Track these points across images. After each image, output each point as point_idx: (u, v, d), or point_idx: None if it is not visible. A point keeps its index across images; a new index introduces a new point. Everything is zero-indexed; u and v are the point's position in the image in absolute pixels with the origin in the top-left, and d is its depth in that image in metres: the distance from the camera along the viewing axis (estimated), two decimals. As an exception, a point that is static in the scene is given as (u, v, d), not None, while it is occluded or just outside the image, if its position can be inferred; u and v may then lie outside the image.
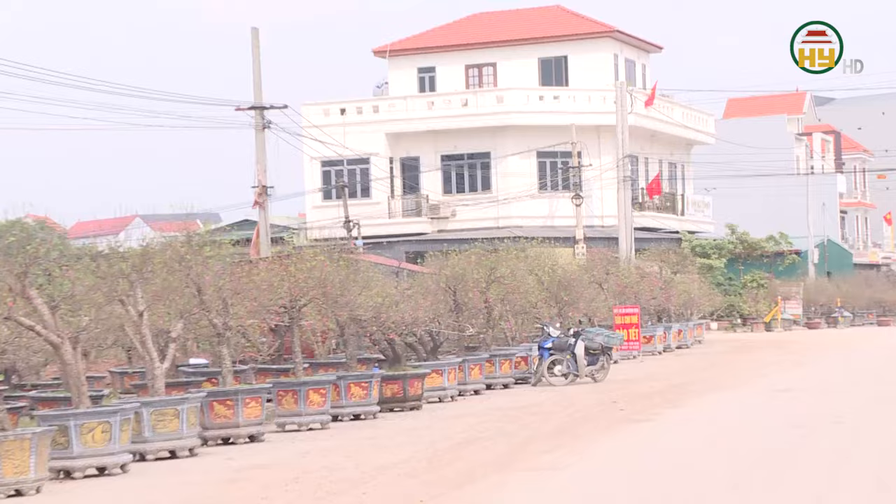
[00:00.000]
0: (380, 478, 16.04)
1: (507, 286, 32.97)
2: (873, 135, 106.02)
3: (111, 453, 17.51)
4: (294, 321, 24.20)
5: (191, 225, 27.31)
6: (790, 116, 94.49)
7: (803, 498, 13.46)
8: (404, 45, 68.27)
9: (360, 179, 63.78)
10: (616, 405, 24.97)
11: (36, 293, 17.85)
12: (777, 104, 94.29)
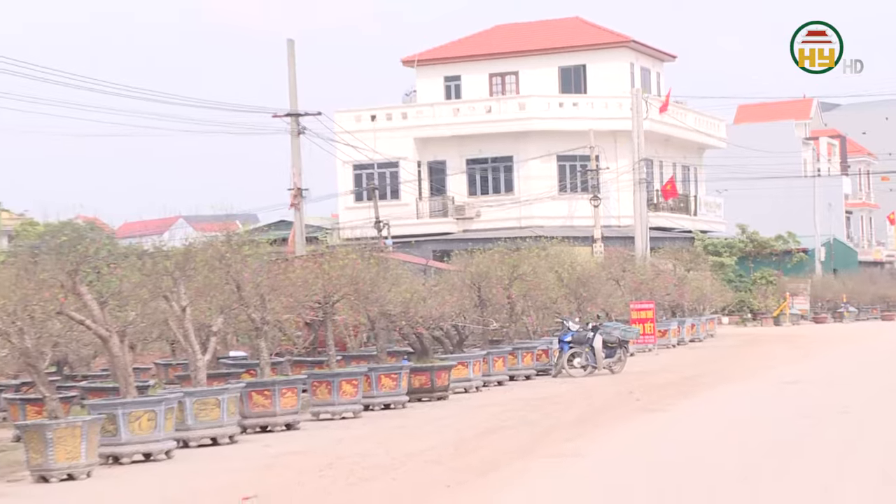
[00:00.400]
0: (409, 464, 16.07)
1: (528, 283, 32.97)
2: (877, 139, 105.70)
3: (156, 440, 17.60)
4: (327, 316, 24.25)
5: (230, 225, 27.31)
6: (798, 121, 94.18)
7: (811, 487, 13.43)
8: (431, 55, 68.28)
9: (390, 182, 63.86)
10: (633, 396, 24.94)
11: (86, 290, 17.94)
12: (785, 110, 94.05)
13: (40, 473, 16.02)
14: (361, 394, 23.18)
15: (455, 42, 69.84)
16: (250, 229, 41.38)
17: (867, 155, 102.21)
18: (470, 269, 31.58)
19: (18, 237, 50.20)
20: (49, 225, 35.97)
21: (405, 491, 13.90)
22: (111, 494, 14.72)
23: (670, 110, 64.51)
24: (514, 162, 62.99)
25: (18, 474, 16.74)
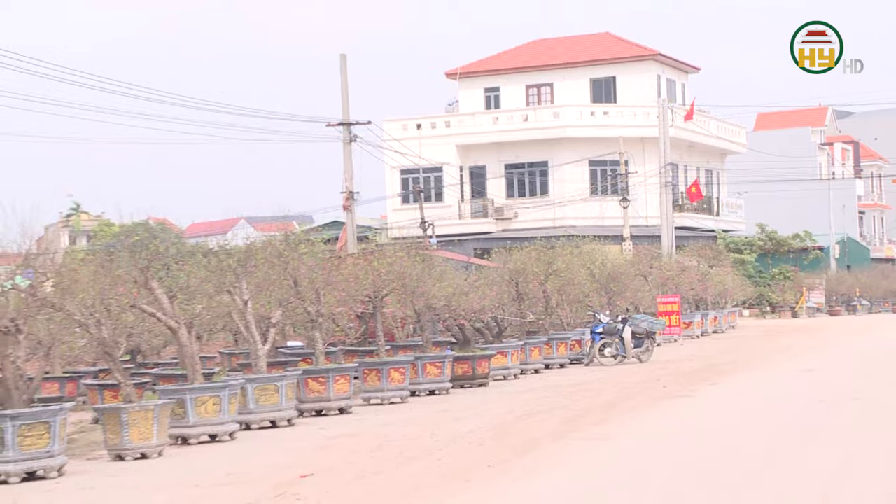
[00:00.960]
0: (452, 445, 16.12)
1: (562, 278, 32.99)
2: (889, 144, 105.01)
3: (221, 423, 17.74)
4: (377, 309, 24.33)
5: (288, 226, 27.45)
6: (813, 128, 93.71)
7: (825, 466, 13.42)
8: (472, 68, 68.35)
9: (434, 185, 63.94)
10: (659, 383, 24.90)
11: (157, 285, 18.10)
12: (802, 117, 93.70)
13: (116, 452, 16.20)
14: (408, 381, 23.25)
15: (494, 56, 69.89)
16: (306, 229, 41.63)
17: (879, 159, 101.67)
18: (508, 266, 31.63)
19: (96, 237, 50.61)
20: (124, 226, 36.24)
21: (449, 470, 13.95)
22: (180, 471, 14.85)
23: (694, 118, 64.30)
24: (548, 167, 62.96)
25: (97, 453, 16.93)
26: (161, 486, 13.75)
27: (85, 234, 55.66)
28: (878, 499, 11.25)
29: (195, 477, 14.27)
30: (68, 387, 23.57)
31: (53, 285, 16.80)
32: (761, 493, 11.59)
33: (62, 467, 15.01)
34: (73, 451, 16.33)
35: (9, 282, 16.54)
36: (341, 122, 44.52)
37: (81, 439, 18.49)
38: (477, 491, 12.41)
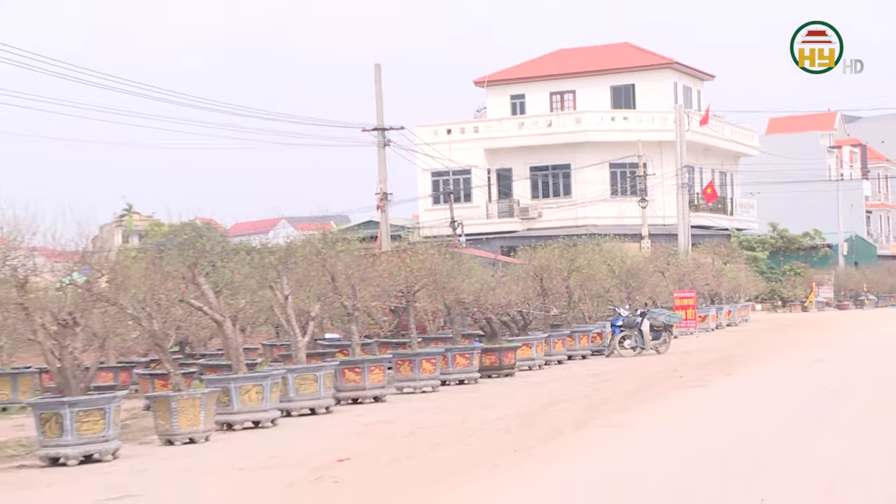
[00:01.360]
0: (481, 432, 16.14)
1: (584, 274, 32.97)
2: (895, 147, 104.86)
3: (264, 410, 17.80)
4: (409, 303, 24.36)
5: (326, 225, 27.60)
6: (823, 132, 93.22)
7: (833, 453, 13.40)
8: (499, 76, 68.38)
9: (463, 187, 64.00)
10: (676, 373, 24.85)
11: (203, 280, 18.17)
12: (811, 122, 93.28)
13: (166, 437, 16.28)
14: (439, 371, 23.28)
15: (520, 65, 69.93)
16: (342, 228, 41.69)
17: (885, 161, 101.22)
18: (533, 263, 31.66)
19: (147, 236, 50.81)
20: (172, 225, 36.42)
21: (478, 455, 13.98)
22: (226, 455, 14.92)
23: (709, 123, 64.14)
24: (571, 169, 62.96)
25: (148, 438, 17.02)
26: (208, 469, 13.84)
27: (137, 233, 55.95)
28: (883, 484, 11.22)
29: (240, 460, 14.35)
30: (122, 376, 23.69)
31: (108, 281, 16.91)
32: (771, 479, 11.57)
33: (116, 451, 15.11)
34: (126, 436, 16.43)
35: (67, 277, 16.68)
36: (376, 128, 44.66)
37: (134, 425, 18.60)
38: (504, 475, 12.44)
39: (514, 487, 11.69)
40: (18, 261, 15.61)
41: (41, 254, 17.16)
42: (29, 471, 14.63)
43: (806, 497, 10.56)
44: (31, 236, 16.00)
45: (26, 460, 15.43)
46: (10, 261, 15.47)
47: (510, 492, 11.46)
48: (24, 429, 18.20)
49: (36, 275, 16.43)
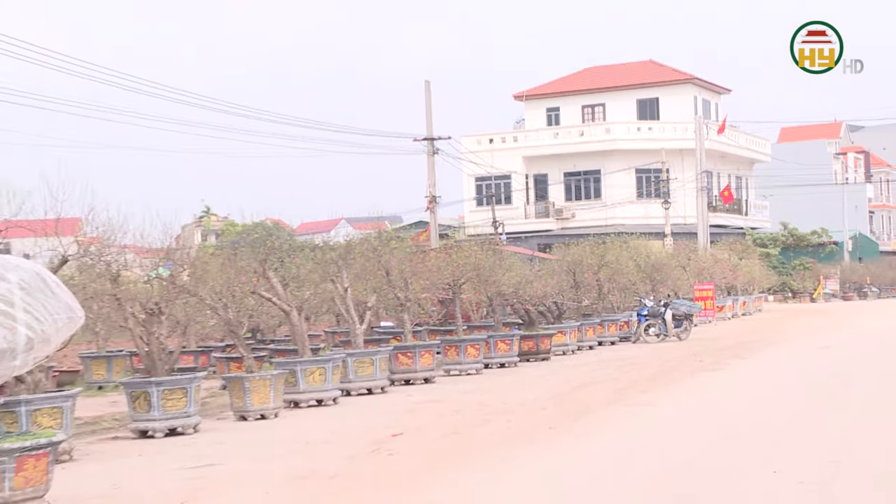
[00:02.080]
0: (519, 410, 16.15)
1: (613, 269, 32.89)
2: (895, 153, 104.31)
3: (326, 390, 17.88)
4: (456, 295, 24.40)
5: (381, 225, 27.59)
6: (829, 140, 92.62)
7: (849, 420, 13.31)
8: (536, 91, 68.33)
9: (504, 191, 64.01)
10: (696, 358, 24.75)
11: (273, 274, 18.27)
12: (819, 131, 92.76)
13: (240, 413, 16.42)
14: (482, 355, 23.31)
15: (554, 81, 69.86)
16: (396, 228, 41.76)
17: (887, 166, 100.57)
18: (567, 258, 31.60)
19: (223, 235, 51.09)
20: (245, 225, 36.56)
21: (517, 430, 13.99)
22: (293, 430, 15.01)
23: (726, 132, 63.91)
24: (601, 174, 62.83)
25: (224, 414, 17.16)
26: (277, 442, 13.93)
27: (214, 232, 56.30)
28: (884, 457, 11.13)
29: (305, 434, 14.44)
30: (201, 359, 23.87)
31: (189, 275, 17.04)
32: (783, 453, 11.51)
33: (197, 425, 15.25)
34: (205, 412, 16.55)
35: (153, 272, 16.83)
36: (426, 138, 44.72)
37: (212, 402, 18.75)
38: (540, 448, 12.45)
39: (549, 459, 11.69)
40: (112, 257, 15.77)
41: (131, 251, 17.31)
42: (122, 441, 14.82)
43: (814, 468, 10.49)
44: (122, 235, 16.15)
45: (119, 432, 15.63)
46: (105, 257, 15.63)
47: (546, 463, 11.46)
48: (117, 405, 18.39)
49: (127, 269, 16.59)
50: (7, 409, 12.40)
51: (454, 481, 10.56)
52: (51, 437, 10.02)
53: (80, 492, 10.81)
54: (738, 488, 9.77)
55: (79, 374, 23.61)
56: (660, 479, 10.38)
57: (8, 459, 9.55)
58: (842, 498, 9.21)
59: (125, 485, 11.32)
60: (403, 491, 10.23)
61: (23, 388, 13.33)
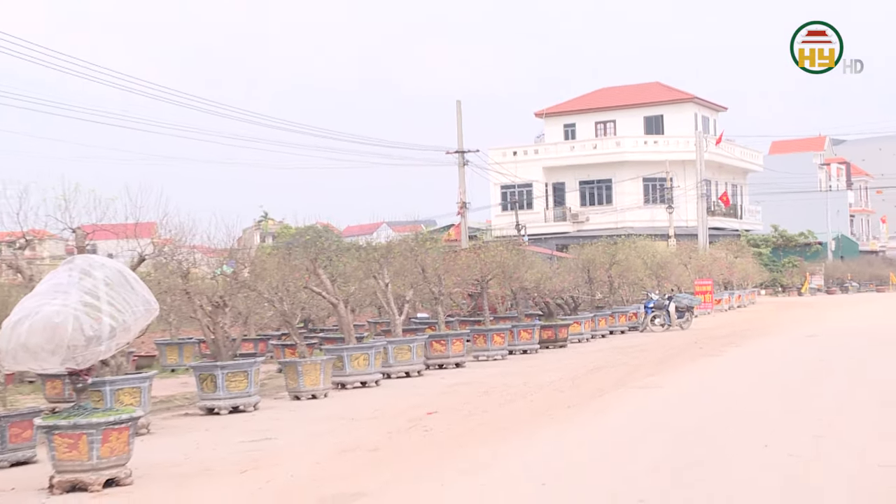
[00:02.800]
0: (540, 391, 16.13)
1: (622, 266, 32.84)
2: (873, 164, 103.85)
3: (369, 373, 17.95)
4: (483, 289, 24.41)
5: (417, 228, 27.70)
6: (815, 152, 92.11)
7: (830, 400, 13.21)
8: (554, 109, 68.20)
9: (526, 197, 64.01)
10: (697, 345, 24.63)
11: (322, 272, 18.36)
12: (806, 144, 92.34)
13: (294, 394, 16.49)
14: (507, 343, 23.29)
15: (571, 100, 69.75)
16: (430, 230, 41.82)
17: (865, 175, 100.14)
18: (581, 257, 31.54)
19: (279, 237, 51.23)
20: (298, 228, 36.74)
21: (538, 409, 13.97)
22: (340, 408, 15.06)
23: (723, 145, 63.81)
24: (612, 183, 62.69)
25: (280, 394, 17.23)
26: (327, 419, 13.97)
27: (271, 234, 56.47)
28: (858, 434, 11.03)
29: (351, 412, 14.48)
30: (260, 346, 24.00)
31: (249, 272, 17.15)
32: (772, 428, 11.44)
33: (256, 404, 15.33)
34: (263, 393, 16.64)
35: (218, 269, 16.94)
36: (457, 151, 44.79)
37: (269, 384, 18.84)
38: (559, 425, 12.42)
39: (567, 434, 11.67)
40: (183, 256, 15.90)
41: (199, 251, 17.45)
42: (191, 417, 14.92)
43: (799, 442, 10.41)
44: (191, 237, 16.29)
45: (189, 410, 15.74)
46: (177, 256, 15.76)
47: (565, 438, 11.44)
48: (187, 386, 18.54)
49: (195, 267, 16.73)
50: (94, 389, 12.51)
51: (483, 454, 10.55)
52: (131, 413, 10.10)
53: (156, 461, 10.89)
54: (734, 460, 9.71)
55: (154, 358, 23.80)
56: (666, 451, 10.34)
57: (95, 432, 9.65)
58: (823, 468, 9.14)
59: (194, 455, 11.39)
60: (437, 462, 10.24)
61: (107, 371, 13.46)
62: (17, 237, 13.38)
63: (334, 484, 9.29)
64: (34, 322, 9.32)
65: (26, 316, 9.42)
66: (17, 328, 9.39)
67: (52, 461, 9.72)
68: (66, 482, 9.61)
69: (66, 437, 9.65)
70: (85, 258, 10.14)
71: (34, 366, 9.64)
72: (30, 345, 9.31)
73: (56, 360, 9.41)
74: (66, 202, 12.45)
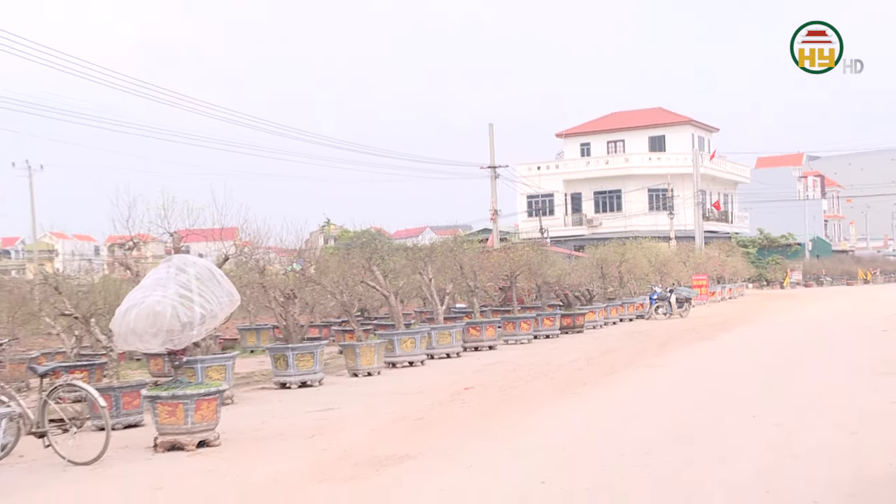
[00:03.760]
0: (560, 370, 16.08)
1: (630, 264, 32.68)
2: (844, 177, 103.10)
3: (415, 354, 17.95)
4: (512, 283, 24.38)
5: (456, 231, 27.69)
6: (794, 167, 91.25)
7: (809, 377, 13.05)
8: (572, 130, 67.94)
9: (548, 205, 63.95)
10: (694, 331, 24.43)
11: (376, 269, 18.40)
12: (786, 160, 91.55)
13: (352, 371, 16.53)
14: (532, 329, 23.25)
15: (586, 123, 69.46)
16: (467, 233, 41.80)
17: (837, 186, 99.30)
18: (595, 256, 31.43)
19: (339, 239, 51.49)
20: (356, 232, 36.89)
21: (559, 385, 13.92)
22: (391, 384, 15.09)
23: (716, 161, 63.34)
24: (622, 193, 62.43)
25: (341, 372, 17.27)
26: (380, 393, 14.01)
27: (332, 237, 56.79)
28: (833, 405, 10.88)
29: (400, 387, 14.51)
30: (324, 331, 24.01)
31: (315, 269, 17.25)
32: (760, 401, 11.33)
33: (321, 380, 15.40)
34: (326, 371, 16.71)
35: (289, 266, 17.06)
36: (489, 166, 44.72)
37: (332, 363, 18.91)
38: (577, 398, 12.37)
39: (584, 406, 11.62)
40: (259, 256, 16.01)
41: (273, 251, 17.56)
42: (267, 391, 15.01)
43: (783, 413, 10.30)
44: (266, 240, 16.39)
45: (265, 384, 15.83)
46: (255, 256, 15.87)
47: (582, 409, 11.39)
48: (264, 364, 18.66)
49: (270, 265, 16.83)
50: (188, 366, 12.65)
51: (512, 423, 10.54)
52: (218, 386, 10.19)
53: (239, 426, 10.98)
54: (727, 428, 9.62)
55: (237, 341, 23.98)
56: (669, 420, 10.26)
57: (190, 402, 9.75)
58: (804, 435, 9.04)
59: (270, 422, 11.47)
60: (473, 430, 10.24)
61: (198, 351, 13.60)
62: (127, 240, 13.58)
63: (386, 447, 9.32)
64: (140, 310, 9.45)
65: (133, 305, 9.56)
66: (126, 315, 9.54)
67: (156, 425, 9.86)
68: (167, 442, 9.74)
69: (166, 405, 9.77)
70: (180, 257, 10.25)
71: (140, 346, 9.77)
72: (137, 329, 9.45)
73: (157, 342, 9.53)
74: (165, 211, 12.65)
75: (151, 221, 12.84)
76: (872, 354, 16.64)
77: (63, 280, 14.41)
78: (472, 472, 7.98)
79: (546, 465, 8.08)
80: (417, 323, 21.53)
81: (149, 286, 9.76)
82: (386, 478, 7.88)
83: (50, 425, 9.58)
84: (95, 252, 61.23)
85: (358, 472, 8.15)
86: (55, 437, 9.54)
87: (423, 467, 8.25)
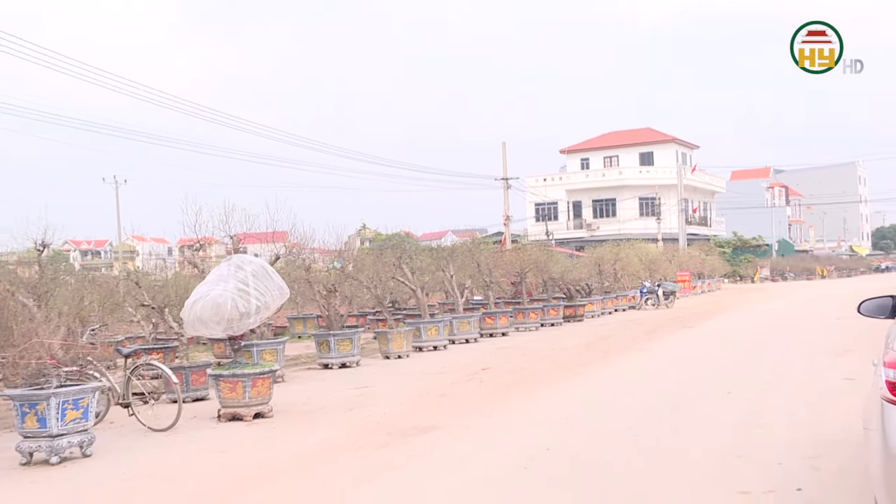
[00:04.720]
0: (563, 354, 15.99)
1: (624, 262, 32.47)
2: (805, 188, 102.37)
3: (439, 340, 17.90)
4: (522, 279, 24.29)
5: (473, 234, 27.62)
6: (763, 179, 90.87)
7: (775, 358, 12.88)
8: (574, 147, 67.79)
9: (553, 212, 63.74)
10: (679, 320, 24.22)
11: (405, 266, 18.40)
12: (756, 173, 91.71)
13: (385, 354, 16.48)
14: (539, 318, 23.15)
15: (586, 140, 69.28)
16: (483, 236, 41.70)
17: (799, 196, 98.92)
18: (594, 256, 31.27)
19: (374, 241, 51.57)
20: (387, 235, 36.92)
21: (562, 366, 13.85)
22: (418, 365, 15.08)
23: (697, 173, 62.98)
24: (616, 201, 62.13)
25: (374, 355, 17.21)
26: (408, 372, 13.99)
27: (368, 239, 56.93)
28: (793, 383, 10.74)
29: (426, 368, 14.49)
30: (360, 320, 23.97)
31: (353, 267, 17.27)
32: (734, 379, 11.20)
33: (358, 362, 15.39)
34: (363, 354, 16.71)
35: (331, 265, 17.08)
36: (503, 178, 44.58)
37: (367, 347, 18.88)
38: (578, 377, 12.30)
39: (584, 384, 11.55)
40: (305, 255, 16.05)
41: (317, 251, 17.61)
42: (312, 371, 15.03)
43: (754, 389, 10.18)
44: (311, 242, 16.45)
45: (311, 366, 15.84)
46: (301, 255, 15.92)
47: (582, 387, 11.32)
48: (309, 348, 18.69)
49: (314, 263, 16.87)
50: (246, 349, 12.70)
51: (522, 398, 10.50)
52: (271, 366, 10.22)
53: (289, 401, 11.01)
54: (706, 401, 9.52)
55: (286, 328, 24.05)
56: (657, 395, 10.17)
57: (247, 380, 9.79)
58: (770, 407, 8.93)
59: (315, 397, 11.49)
60: (489, 404, 10.20)
61: (254, 337, 13.65)
62: (194, 242, 13.66)
63: (414, 418, 9.31)
64: (205, 302, 9.51)
65: (200, 297, 9.62)
66: (194, 306, 9.60)
67: (219, 399, 9.91)
68: (228, 414, 9.78)
69: (227, 382, 9.81)
70: (239, 257, 10.30)
71: (205, 332, 9.83)
72: (202, 318, 9.51)
73: (220, 329, 9.58)
74: (226, 217, 12.71)
75: (215, 226, 12.92)
76: (827, 339, 16.42)
77: (142, 276, 14.56)
78: (487, 439, 7.95)
79: (551, 434, 8.04)
80: (441, 313, 21.50)
81: (212, 281, 9.82)
82: (414, 445, 7.88)
83: (133, 398, 9.72)
84: (168, 252, 61.78)
85: (390, 440, 8.15)
86: (137, 408, 9.78)
87: (446, 436, 8.23)
